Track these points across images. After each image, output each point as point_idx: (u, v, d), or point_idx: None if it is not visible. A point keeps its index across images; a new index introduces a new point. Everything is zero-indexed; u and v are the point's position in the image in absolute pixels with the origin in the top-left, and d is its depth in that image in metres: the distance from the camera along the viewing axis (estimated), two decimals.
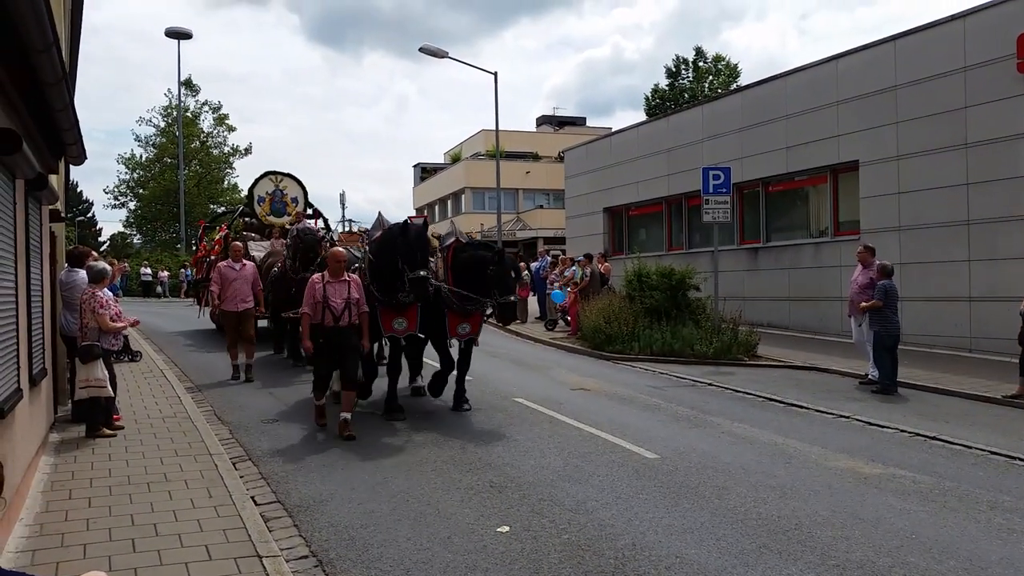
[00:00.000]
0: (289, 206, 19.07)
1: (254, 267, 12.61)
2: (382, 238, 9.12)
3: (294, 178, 19.52)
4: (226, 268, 12.06)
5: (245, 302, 11.92)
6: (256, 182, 19.28)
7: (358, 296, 8.43)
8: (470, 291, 9.14)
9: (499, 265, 8.93)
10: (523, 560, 5.04)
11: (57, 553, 5.04)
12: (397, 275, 8.59)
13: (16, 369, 5.71)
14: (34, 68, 4.64)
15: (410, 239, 8.57)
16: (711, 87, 45.93)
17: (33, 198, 6.81)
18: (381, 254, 8.93)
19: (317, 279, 8.40)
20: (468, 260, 9.18)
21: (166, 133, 51.75)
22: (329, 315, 8.25)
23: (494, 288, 8.93)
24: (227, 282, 11.84)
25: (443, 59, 28.14)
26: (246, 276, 12.02)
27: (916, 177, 15.70)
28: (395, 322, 9.09)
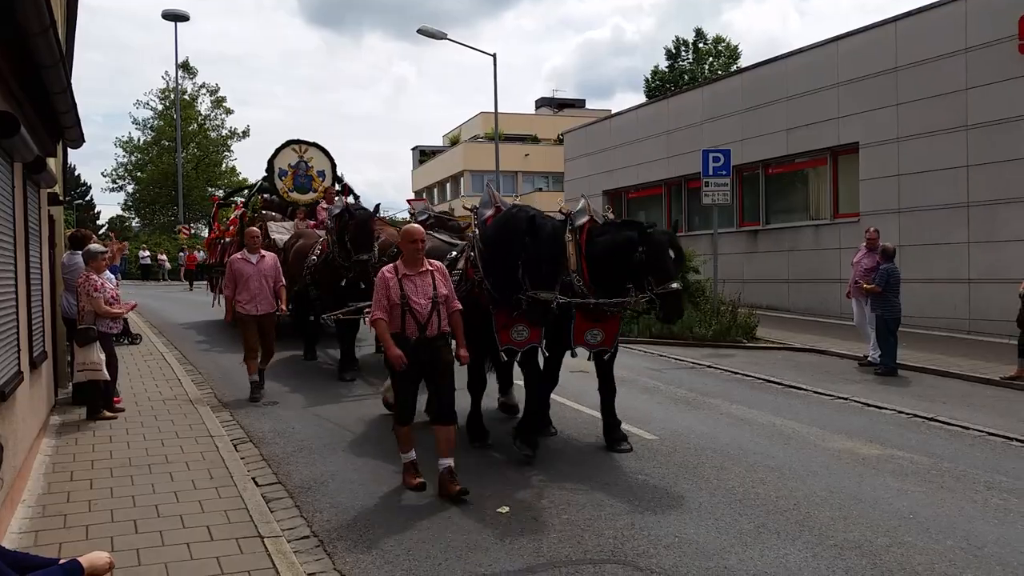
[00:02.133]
0: (315, 180, 16.23)
1: (275, 259, 10.03)
2: (501, 225, 6.84)
3: (320, 148, 16.48)
4: (241, 262, 9.60)
5: (265, 304, 9.55)
6: (277, 152, 16.08)
7: (446, 292, 6.06)
8: (611, 285, 7.03)
9: (650, 244, 6.71)
10: (523, 539, 5.07)
11: (59, 534, 5.07)
12: (517, 284, 6.40)
13: (16, 352, 5.72)
14: (31, 51, 4.63)
15: (541, 244, 6.31)
16: (711, 69, 45.72)
17: (31, 181, 6.80)
18: (499, 245, 6.68)
19: (389, 273, 5.96)
20: (608, 246, 7.00)
21: (164, 116, 51.59)
22: (412, 322, 5.84)
23: (647, 276, 6.74)
24: (243, 279, 9.47)
25: (442, 41, 27.98)
26: (265, 271, 9.61)
27: (916, 159, 15.67)
28: (515, 331, 6.84)
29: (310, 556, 4.87)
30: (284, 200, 16.00)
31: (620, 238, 6.93)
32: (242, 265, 9.56)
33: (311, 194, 16.02)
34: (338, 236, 10.74)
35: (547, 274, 6.32)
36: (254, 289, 9.46)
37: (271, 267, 9.72)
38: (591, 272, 7.05)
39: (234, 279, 9.52)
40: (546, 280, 6.29)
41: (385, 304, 5.90)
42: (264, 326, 9.58)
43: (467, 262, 7.17)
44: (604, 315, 7.17)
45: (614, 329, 7.42)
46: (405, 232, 6.18)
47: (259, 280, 9.51)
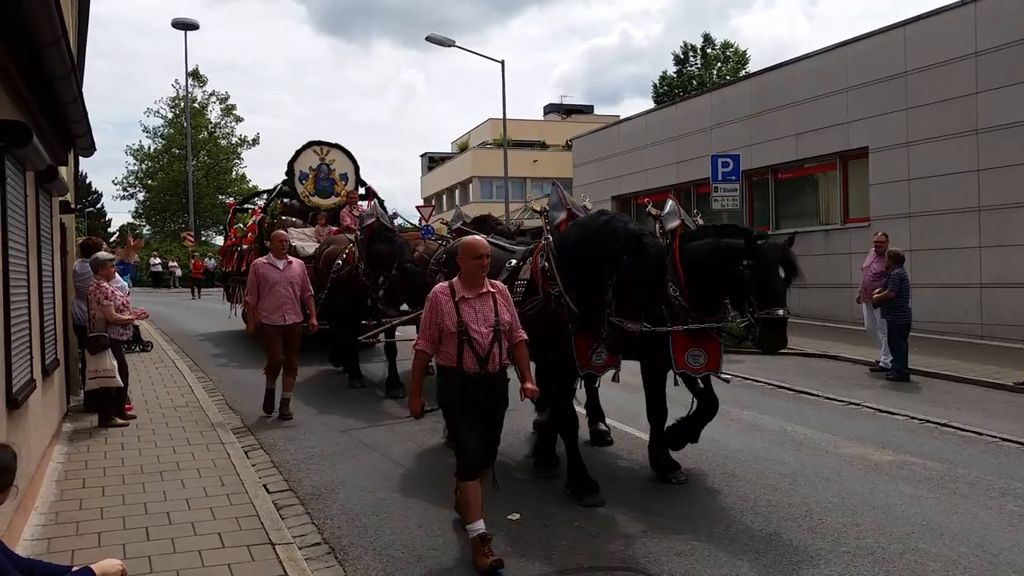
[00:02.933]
0: (337, 184, 15.34)
1: (303, 265, 9.17)
2: (591, 235, 5.60)
3: (343, 149, 15.63)
4: (266, 267, 8.75)
5: (292, 313, 8.77)
6: (297, 155, 15.25)
7: (510, 319, 5.01)
8: (705, 300, 6.13)
9: (757, 258, 5.71)
10: (534, 547, 5.06)
11: (72, 541, 5.09)
12: (603, 305, 5.42)
13: (29, 360, 5.75)
14: (43, 61, 4.66)
15: (643, 267, 5.26)
16: (719, 74, 45.67)
17: (43, 190, 6.84)
18: (586, 259, 5.56)
19: (444, 293, 4.91)
20: (705, 254, 6.04)
21: (174, 124, 51.91)
22: (470, 354, 4.79)
23: (749, 295, 5.80)
24: (267, 286, 8.66)
25: (450, 48, 28.06)
26: (292, 277, 8.77)
27: (926, 163, 15.61)
28: (594, 352, 5.99)
29: (321, 563, 4.88)
30: (305, 205, 15.21)
31: (722, 246, 5.95)
32: (267, 271, 8.73)
33: (333, 198, 15.21)
34: (368, 255, 10.01)
35: (641, 303, 5.37)
36: (280, 297, 8.67)
37: (298, 274, 8.88)
38: (688, 281, 6.14)
39: (258, 286, 8.69)
40: (638, 310, 5.35)
41: (434, 333, 4.85)
42: (290, 339, 8.79)
43: (540, 273, 6.02)
44: (706, 333, 6.22)
45: (717, 349, 6.36)
46: (466, 247, 4.97)
47: (286, 287, 8.71)
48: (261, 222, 14.55)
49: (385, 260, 9.66)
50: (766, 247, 5.77)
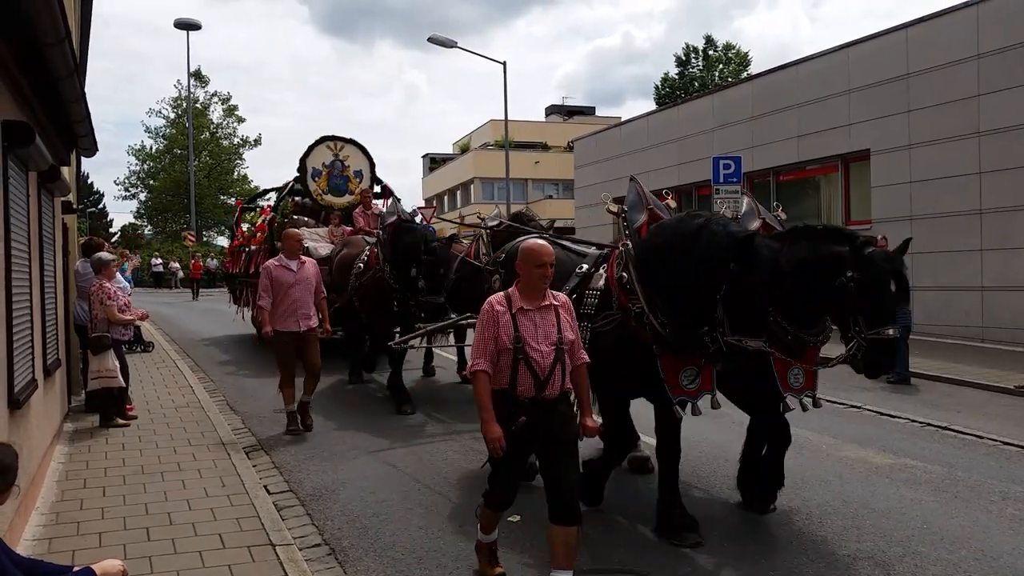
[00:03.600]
0: (352, 182, 14.50)
1: (316, 266, 8.55)
2: (687, 241, 4.77)
3: (358, 145, 14.77)
4: (279, 269, 8.10)
5: (307, 319, 8.16)
6: (310, 150, 14.36)
7: (573, 337, 4.34)
8: (803, 313, 5.27)
9: (864, 269, 4.91)
10: (535, 549, 5.05)
11: (73, 541, 5.10)
12: (706, 322, 4.67)
13: (31, 360, 5.76)
14: (46, 61, 4.67)
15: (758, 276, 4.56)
16: (721, 76, 45.69)
17: (46, 190, 6.85)
18: (682, 270, 4.74)
19: (501, 305, 4.25)
20: (801, 263, 5.09)
21: (176, 124, 51.93)
22: (527, 376, 4.15)
23: (853, 313, 4.96)
24: (281, 289, 8.01)
25: (452, 49, 28.09)
26: (307, 280, 8.16)
27: (928, 166, 15.61)
28: (683, 375, 5.04)
29: (321, 564, 4.88)
30: (318, 203, 14.41)
31: (823, 254, 5.08)
32: (280, 273, 8.07)
33: (347, 197, 14.35)
34: (393, 253, 9.29)
35: (762, 317, 4.71)
36: (295, 302, 8.02)
37: (313, 275, 8.29)
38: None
39: (270, 289, 8.02)
40: (759, 325, 4.65)
41: (493, 349, 4.19)
42: (308, 344, 8.18)
43: (617, 285, 5.18)
44: (802, 349, 5.37)
45: (812, 368, 5.55)
46: (528, 253, 4.27)
47: (301, 291, 8.07)
48: (271, 221, 13.77)
49: (412, 249, 9.00)
50: (875, 256, 4.95)
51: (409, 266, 8.97)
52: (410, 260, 8.99)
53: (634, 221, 5.48)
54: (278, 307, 8.04)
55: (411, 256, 8.98)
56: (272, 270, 8.13)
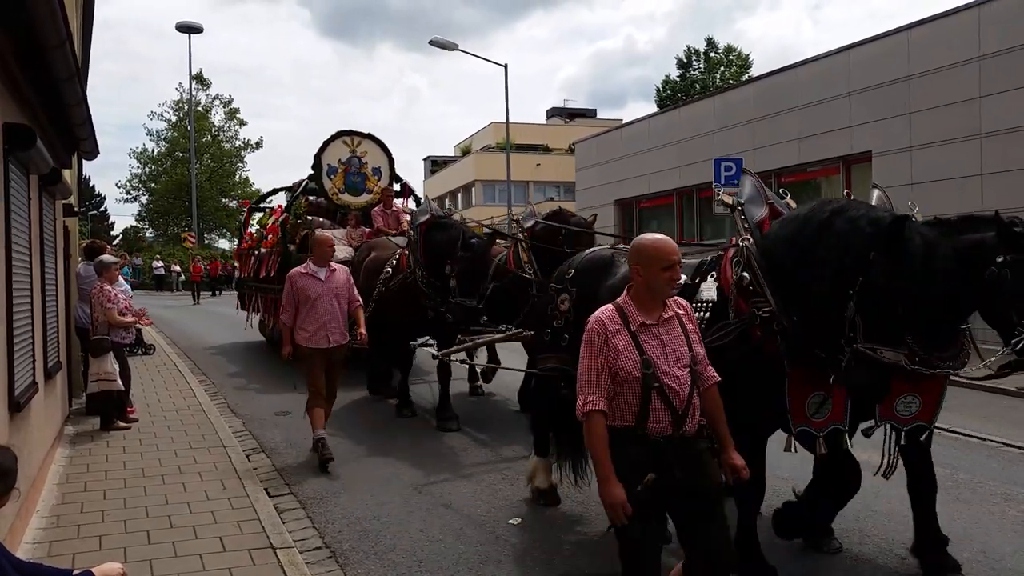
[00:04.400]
0: (370, 180, 13.50)
1: (347, 272, 7.59)
2: (808, 229, 4.30)
3: (376, 140, 13.75)
4: (305, 278, 7.18)
5: (337, 333, 7.20)
6: (325, 146, 13.38)
7: (703, 351, 3.53)
8: (928, 322, 4.14)
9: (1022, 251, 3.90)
10: (536, 551, 5.05)
11: (73, 544, 5.09)
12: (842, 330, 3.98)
13: (32, 363, 5.76)
14: (48, 64, 4.67)
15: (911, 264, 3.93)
16: (722, 78, 45.72)
17: (47, 193, 6.86)
18: (810, 265, 4.12)
19: (613, 321, 3.37)
20: (947, 255, 4.06)
21: (178, 127, 51.98)
22: (662, 409, 3.29)
23: (1014, 306, 3.93)
24: (307, 301, 7.10)
25: (453, 52, 28.10)
26: (337, 289, 7.24)
27: (929, 168, 15.59)
28: (810, 403, 4.34)
29: (322, 567, 4.87)
30: (333, 203, 13.41)
31: (964, 244, 4.06)
32: (307, 282, 7.15)
33: (365, 196, 13.37)
34: (426, 254, 8.56)
35: (912, 322, 4.00)
36: (324, 314, 7.08)
37: (344, 283, 7.34)
38: None
39: (295, 301, 7.13)
40: (913, 330, 4.02)
41: (606, 380, 3.23)
42: (333, 363, 7.28)
43: (737, 289, 4.35)
44: (924, 375, 4.33)
45: (935, 395, 4.78)
46: (650, 250, 3.36)
47: (330, 301, 7.14)
48: (284, 222, 12.92)
49: (446, 246, 8.27)
50: None
51: (443, 265, 8.21)
52: (444, 257, 8.22)
53: (753, 215, 4.76)
54: (304, 321, 7.09)
55: (446, 252, 8.21)
56: (297, 279, 7.17)
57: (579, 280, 5.40)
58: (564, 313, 5.41)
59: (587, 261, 5.52)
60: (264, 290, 13.34)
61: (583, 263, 5.53)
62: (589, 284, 4.87)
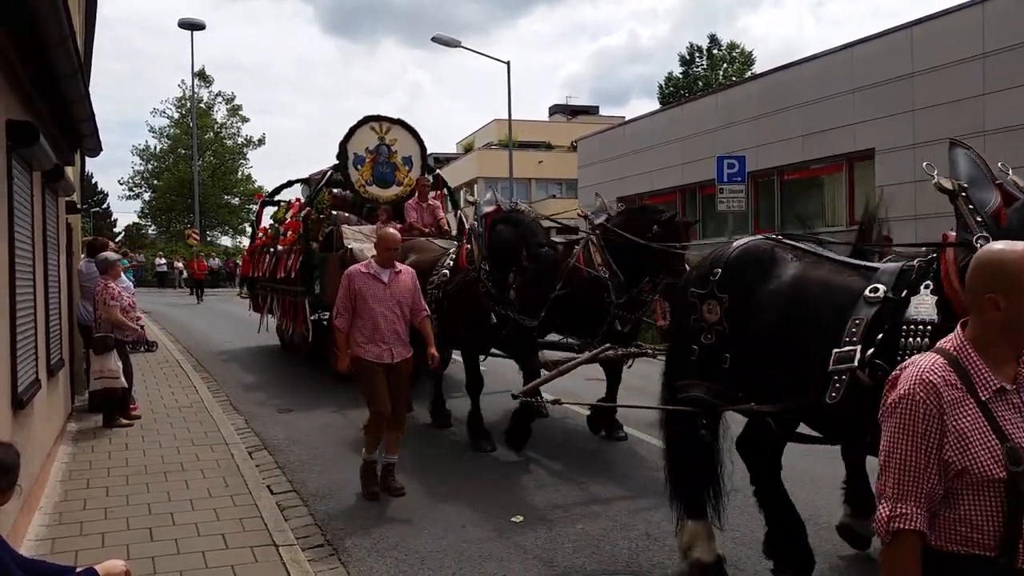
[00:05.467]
0: (400, 170, 12.15)
1: (414, 276, 6.45)
2: None
3: (406, 127, 12.36)
4: (365, 278, 6.13)
5: (400, 344, 6.19)
6: (352, 133, 12.02)
7: None
8: None
9: None
10: (537, 549, 5.05)
11: (76, 541, 5.10)
12: None
13: (35, 360, 5.77)
14: (50, 61, 4.68)
15: None
16: (725, 75, 45.67)
17: (50, 190, 6.86)
18: None
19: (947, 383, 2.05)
20: None
21: (180, 124, 52.00)
22: None
23: None
24: (366, 305, 6.06)
25: (456, 48, 28.08)
26: (401, 294, 6.18)
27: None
28: None
29: (324, 564, 4.87)
30: (360, 196, 12.16)
31: None
32: (367, 284, 6.10)
33: (394, 188, 12.10)
34: (492, 250, 7.14)
35: None
36: (384, 321, 6.06)
37: (409, 288, 6.26)
38: None
39: (351, 304, 6.10)
40: None
41: (929, 484, 2.06)
42: (398, 380, 6.17)
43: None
44: None
45: None
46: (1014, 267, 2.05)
47: (392, 307, 6.11)
48: (306, 217, 11.54)
49: (513, 246, 6.88)
50: None
51: (509, 267, 6.95)
52: (509, 261, 6.93)
53: (984, 203, 3.67)
54: (361, 329, 6.09)
55: (511, 256, 6.90)
56: (356, 278, 6.13)
57: (731, 282, 4.25)
58: (714, 324, 4.25)
59: (740, 258, 4.31)
60: (282, 292, 12.30)
61: (735, 260, 4.33)
62: (746, 287, 4.03)
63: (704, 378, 4.32)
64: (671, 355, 4.86)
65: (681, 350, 4.53)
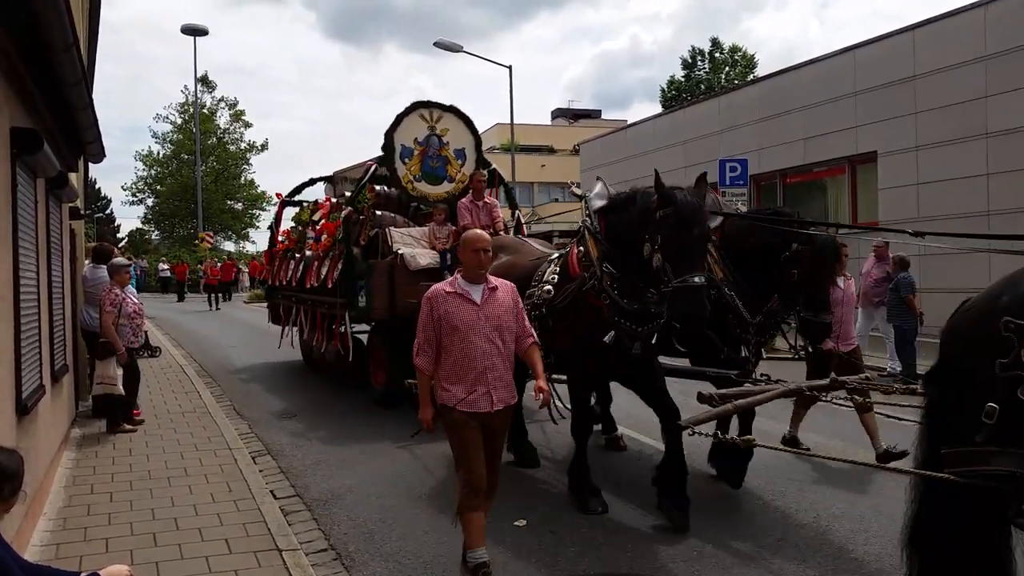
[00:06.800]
0: (452, 165, 10.65)
1: (514, 292, 4.86)
2: None
3: (459, 114, 10.81)
4: (451, 300, 4.61)
5: (502, 387, 4.62)
6: (399, 121, 10.37)
7: None
8: None
9: None
10: (541, 553, 5.05)
11: (80, 547, 5.11)
12: None
13: (39, 366, 5.78)
14: (55, 68, 4.70)
15: None
16: (727, 78, 45.66)
17: (54, 196, 6.88)
18: None
19: None
20: None
21: (183, 130, 52.09)
22: None
23: None
24: (454, 335, 4.55)
25: (458, 53, 28.11)
26: (499, 318, 4.64)
27: (935, 168, 15.56)
28: None
29: (328, 569, 4.88)
30: (407, 194, 10.58)
31: None
32: (455, 307, 4.55)
33: (445, 185, 10.58)
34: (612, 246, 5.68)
35: None
36: (481, 356, 4.51)
37: (510, 309, 4.68)
38: None
39: (436, 335, 4.58)
40: None
41: None
42: (495, 433, 4.66)
43: None
44: None
45: None
46: None
47: (491, 337, 4.55)
48: (347, 218, 10.03)
49: (637, 218, 5.44)
50: None
51: (636, 253, 5.31)
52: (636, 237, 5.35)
53: None
54: (450, 366, 4.55)
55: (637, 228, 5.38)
56: (439, 302, 4.57)
57: None
58: None
59: None
60: (312, 303, 10.99)
61: None
62: None
63: (1013, 444, 3.09)
64: (938, 406, 3.71)
65: (966, 402, 3.28)
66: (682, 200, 5.12)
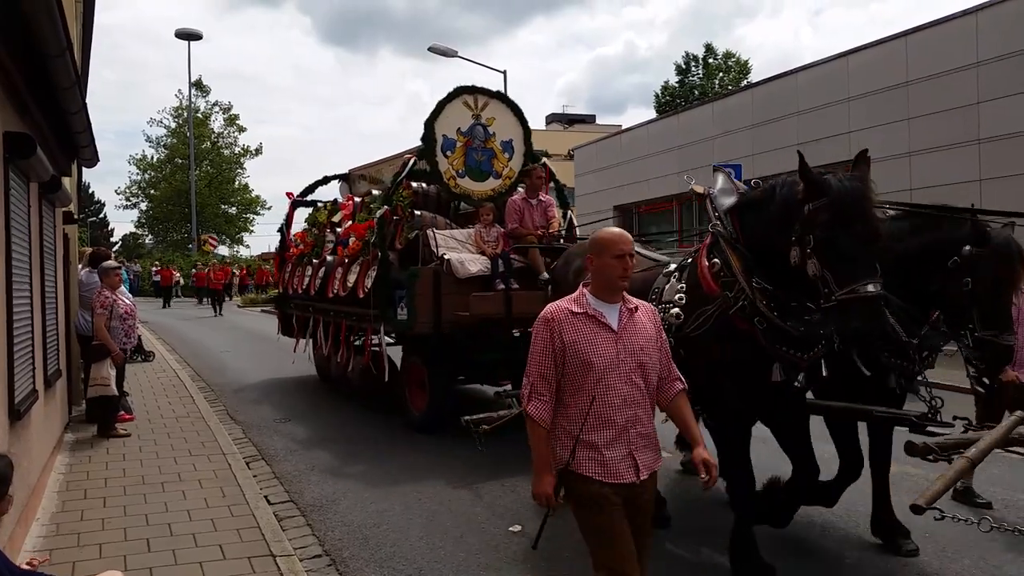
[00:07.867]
0: (498, 158, 9.49)
1: (655, 317, 3.54)
2: None
3: (506, 101, 9.65)
4: (578, 323, 3.28)
5: (647, 446, 3.39)
6: (440, 109, 9.19)
7: None
8: None
9: None
10: (536, 559, 5.04)
11: (73, 553, 5.08)
12: None
13: (32, 371, 5.76)
14: (48, 72, 4.69)
15: None
16: (721, 84, 45.79)
17: (47, 200, 6.86)
18: None
19: None
20: None
21: (177, 134, 52.02)
22: None
23: None
24: (586, 373, 3.23)
25: (453, 58, 28.16)
26: (644, 351, 3.33)
27: (928, 173, 15.62)
28: None
29: (322, 575, 4.86)
30: (449, 191, 9.48)
31: None
32: (585, 334, 3.30)
33: (491, 181, 9.47)
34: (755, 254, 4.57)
35: None
36: (622, 403, 3.30)
37: (652, 338, 3.43)
38: None
39: (555, 371, 3.32)
40: None
41: None
42: (638, 513, 3.43)
43: None
44: None
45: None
46: None
47: (633, 376, 3.33)
48: (383, 219, 8.69)
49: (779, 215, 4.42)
50: None
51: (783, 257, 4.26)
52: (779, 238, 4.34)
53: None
54: (580, 418, 3.29)
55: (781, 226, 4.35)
56: (562, 326, 3.33)
57: None
58: None
59: None
60: (334, 313, 9.80)
61: None
62: None
63: None
64: None
65: None
66: (838, 187, 4.15)
